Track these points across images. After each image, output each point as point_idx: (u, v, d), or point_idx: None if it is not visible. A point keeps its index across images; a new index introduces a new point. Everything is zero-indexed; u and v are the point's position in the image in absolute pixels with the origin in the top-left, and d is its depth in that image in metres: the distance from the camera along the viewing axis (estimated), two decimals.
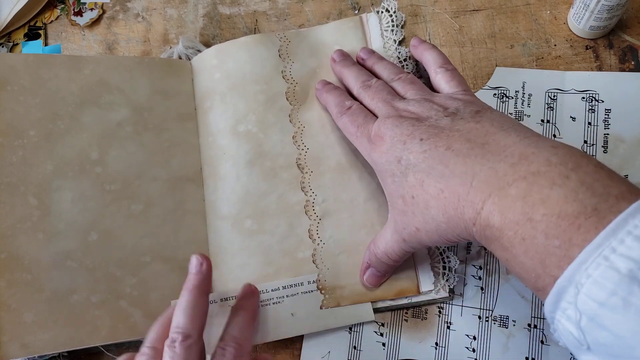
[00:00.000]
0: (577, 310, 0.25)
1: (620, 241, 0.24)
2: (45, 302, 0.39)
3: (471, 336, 0.40)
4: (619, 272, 0.23)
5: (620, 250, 0.23)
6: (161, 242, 0.42)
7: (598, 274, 0.24)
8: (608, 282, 0.23)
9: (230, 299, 0.41)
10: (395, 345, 0.41)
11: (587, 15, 0.43)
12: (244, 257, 0.42)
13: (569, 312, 0.25)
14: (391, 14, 0.47)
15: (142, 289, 0.41)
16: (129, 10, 0.52)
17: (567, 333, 0.26)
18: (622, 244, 0.24)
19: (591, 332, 0.24)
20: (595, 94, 0.44)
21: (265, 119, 0.44)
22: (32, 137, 0.42)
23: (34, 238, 0.40)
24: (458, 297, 0.41)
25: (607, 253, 0.24)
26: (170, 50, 0.49)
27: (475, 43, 0.47)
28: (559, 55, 0.46)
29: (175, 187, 0.44)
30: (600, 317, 0.24)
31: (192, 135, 0.46)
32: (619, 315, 0.23)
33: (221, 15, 0.51)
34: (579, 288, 0.24)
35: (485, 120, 0.32)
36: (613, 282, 0.23)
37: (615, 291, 0.23)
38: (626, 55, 0.45)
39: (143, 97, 0.45)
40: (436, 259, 0.41)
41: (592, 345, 0.25)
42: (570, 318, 0.25)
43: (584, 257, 0.24)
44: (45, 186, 0.41)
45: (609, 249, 0.24)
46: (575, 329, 0.25)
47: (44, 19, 0.52)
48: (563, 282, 0.25)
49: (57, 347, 0.39)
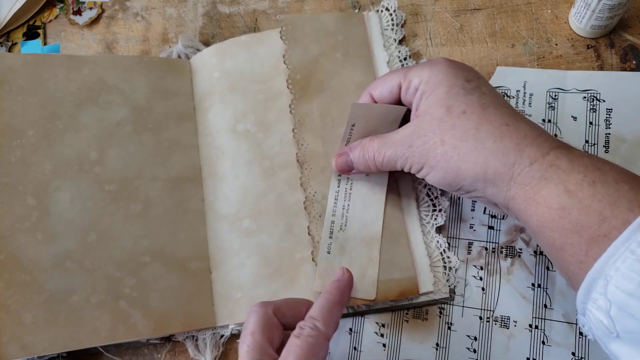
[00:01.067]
0: (607, 300, 0.26)
1: None
2: (44, 303, 0.39)
3: (472, 337, 0.40)
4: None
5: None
6: (160, 242, 0.42)
7: (626, 267, 0.25)
8: (636, 275, 0.25)
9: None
10: (396, 346, 0.41)
11: (589, 14, 0.43)
12: (242, 257, 0.42)
13: (600, 302, 0.26)
14: (391, 13, 0.47)
15: (142, 289, 0.41)
16: (128, 9, 0.52)
17: (598, 322, 0.27)
18: None
19: (621, 320, 0.26)
20: (597, 94, 0.43)
21: (264, 119, 0.44)
22: (31, 137, 0.41)
23: (32, 238, 0.40)
24: (459, 297, 0.41)
25: (633, 247, 0.25)
26: (170, 49, 0.49)
27: (476, 42, 0.47)
28: (560, 54, 0.45)
29: (175, 187, 0.44)
30: (629, 307, 0.25)
31: (192, 135, 0.45)
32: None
33: (221, 14, 0.51)
34: (608, 280, 0.26)
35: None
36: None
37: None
38: (627, 54, 0.45)
39: (142, 97, 0.45)
40: (436, 259, 0.41)
41: (622, 333, 0.26)
42: (600, 308, 0.26)
43: (612, 252, 0.26)
44: (44, 186, 0.41)
45: (635, 243, 0.25)
46: (606, 317, 0.26)
47: (43, 18, 0.52)
48: (593, 274, 0.26)
49: (57, 348, 0.38)
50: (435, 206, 0.42)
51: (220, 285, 0.42)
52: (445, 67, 0.34)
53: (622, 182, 0.28)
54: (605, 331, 0.27)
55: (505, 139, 0.31)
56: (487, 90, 0.34)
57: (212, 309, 0.42)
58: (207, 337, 0.42)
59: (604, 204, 0.27)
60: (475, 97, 0.33)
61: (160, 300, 0.41)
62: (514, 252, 0.41)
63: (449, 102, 0.33)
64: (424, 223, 0.42)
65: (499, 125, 0.31)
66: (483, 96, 0.33)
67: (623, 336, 0.26)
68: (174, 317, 0.41)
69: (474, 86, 0.33)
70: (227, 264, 0.42)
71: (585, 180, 0.28)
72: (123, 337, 0.40)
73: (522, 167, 0.30)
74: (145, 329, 0.40)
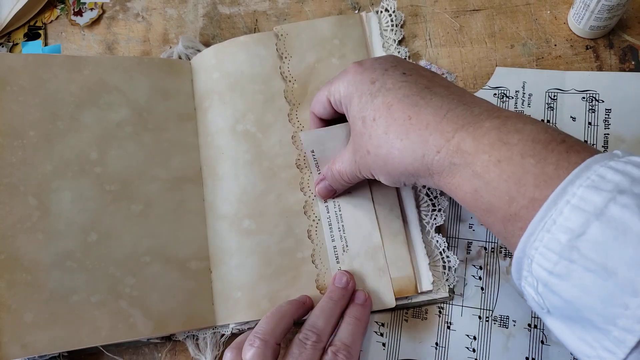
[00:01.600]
0: (533, 278, 0.26)
1: (559, 212, 0.25)
2: (45, 303, 0.39)
3: (471, 336, 0.40)
4: (559, 243, 0.25)
5: (559, 220, 0.25)
6: (161, 242, 0.42)
7: (543, 246, 0.25)
8: (552, 253, 0.25)
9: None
10: (396, 345, 0.41)
11: (588, 15, 0.43)
12: (242, 257, 0.42)
13: (529, 279, 0.27)
14: (390, 14, 0.47)
15: (142, 289, 0.41)
16: (128, 10, 0.52)
17: (531, 298, 0.28)
18: (561, 214, 0.25)
19: (547, 297, 0.26)
20: (596, 94, 0.44)
21: (263, 119, 0.44)
22: (32, 137, 0.42)
23: (33, 238, 0.40)
24: (458, 297, 0.41)
25: (548, 225, 0.25)
26: (170, 50, 0.49)
27: (475, 43, 0.47)
28: (559, 55, 0.45)
29: (175, 187, 0.44)
30: (550, 284, 0.25)
31: (192, 135, 0.46)
32: (564, 282, 0.25)
33: (221, 15, 0.51)
34: (532, 259, 0.26)
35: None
36: (556, 252, 0.25)
37: (558, 261, 0.25)
38: (626, 55, 0.45)
39: (143, 97, 0.45)
40: (436, 258, 0.41)
41: (550, 308, 0.27)
42: (531, 285, 0.27)
43: (530, 231, 0.26)
44: (45, 186, 0.41)
45: (550, 221, 0.25)
46: (535, 294, 0.27)
47: (44, 19, 0.52)
48: (519, 253, 0.27)
49: (57, 347, 0.39)
50: (435, 206, 0.42)
51: (221, 285, 0.42)
52: (352, 76, 0.35)
53: (529, 155, 0.27)
54: (537, 307, 0.27)
55: (410, 133, 0.31)
56: (391, 83, 0.33)
57: (212, 309, 0.42)
58: (208, 337, 0.42)
59: (509, 183, 0.27)
60: (380, 99, 0.33)
61: (160, 300, 0.41)
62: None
63: (362, 113, 0.34)
64: (424, 223, 0.42)
65: (403, 122, 0.31)
66: (387, 94, 0.33)
67: (552, 312, 0.27)
68: (174, 317, 0.41)
69: (379, 86, 0.33)
70: (227, 263, 0.42)
71: (491, 161, 0.28)
72: (123, 337, 0.40)
73: (431, 158, 0.30)
74: (146, 328, 0.40)
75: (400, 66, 0.34)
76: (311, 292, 0.41)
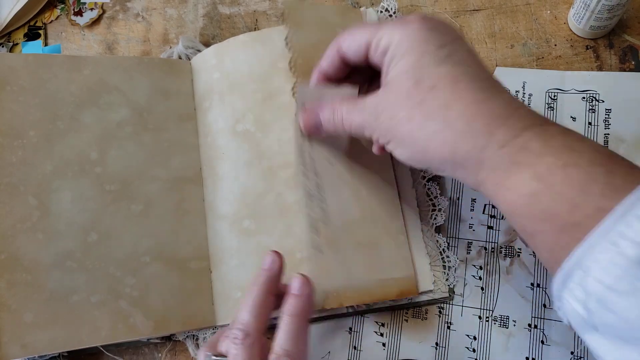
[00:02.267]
0: (585, 291, 0.25)
1: (629, 225, 0.23)
2: (45, 303, 0.39)
3: (471, 336, 0.40)
4: (627, 258, 0.23)
5: (628, 234, 0.23)
6: (161, 242, 0.42)
7: (607, 259, 0.24)
8: (616, 268, 0.23)
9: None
10: (396, 345, 0.41)
11: (588, 15, 0.43)
12: (242, 257, 0.42)
13: (577, 292, 0.25)
14: (391, 14, 0.47)
15: (142, 289, 0.41)
16: (128, 10, 0.52)
17: (574, 312, 0.26)
18: (631, 228, 0.23)
19: (598, 313, 0.24)
20: (596, 94, 0.44)
21: (262, 118, 0.44)
22: (32, 137, 0.42)
23: (33, 238, 0.40)
24: (458, 297, 0.41)
25: (615, 238, 0.24)
26: (170, 50, 0.49)
27: (476, 43, 0.47)
28: (559, 55, 0.45)
29: (175, 187, 0.44)
30: (608, 301, 0.24)
31: (192, 135, 0.46)
32: (626, 299, 0.23)
33: (221, 15, 0.51)
34: (587, 271, 0.24)
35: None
36: (621, 267, 0.23)
37: (623, 277, 0.23)
38: (626, 55, 0.45)
39: (143, 98, 0.45)
40: (436, 258, 0.41)
41: (599, 325, 0.25)
42: (577, 298, 0.25)
43: (592, 242, 0.24)
44: (45, 186, 0.41)
45: (617, 233, 0.24)
46: (583, 309, 0.25)
47: (44, 19, 0.52)
48: (571, 264, 0.25)
49: (57, 347, 0.39)
50: (435, 206, 0.42)
51: (220, 285, 0.42)
52: (417, 30, 0.31)
53: (597, 164, 0.26)
54: (581, 322, 0.26)
55: (477, 119, 0.28)
56: (461, 57, 0.30)
57: (212, 309, 0.42)
58: (208, 336, 0.42)
59: (575, 189, 0.25)
60: (447, 68, 0.30)
61: (160, 300, 0.41)
62: (513, 251, 0.41)
63: (418, 74, 0.30)
64: (424, 222, 0.42)
65: (470, 104, 0.29)
66: (456, 66, 0.30)
67: (601, 329, 0.25)
68: (174, 317, 0.41)
69: (447, 53, 0.30)
70: (227, 263, 0.42)
71: (557, 164, 0.26)
72: (123, 337, 0.40)
73: (492, 151, 0.28)
74: (146, 328, 0.40)
75: (466, 42, 0.32)
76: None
